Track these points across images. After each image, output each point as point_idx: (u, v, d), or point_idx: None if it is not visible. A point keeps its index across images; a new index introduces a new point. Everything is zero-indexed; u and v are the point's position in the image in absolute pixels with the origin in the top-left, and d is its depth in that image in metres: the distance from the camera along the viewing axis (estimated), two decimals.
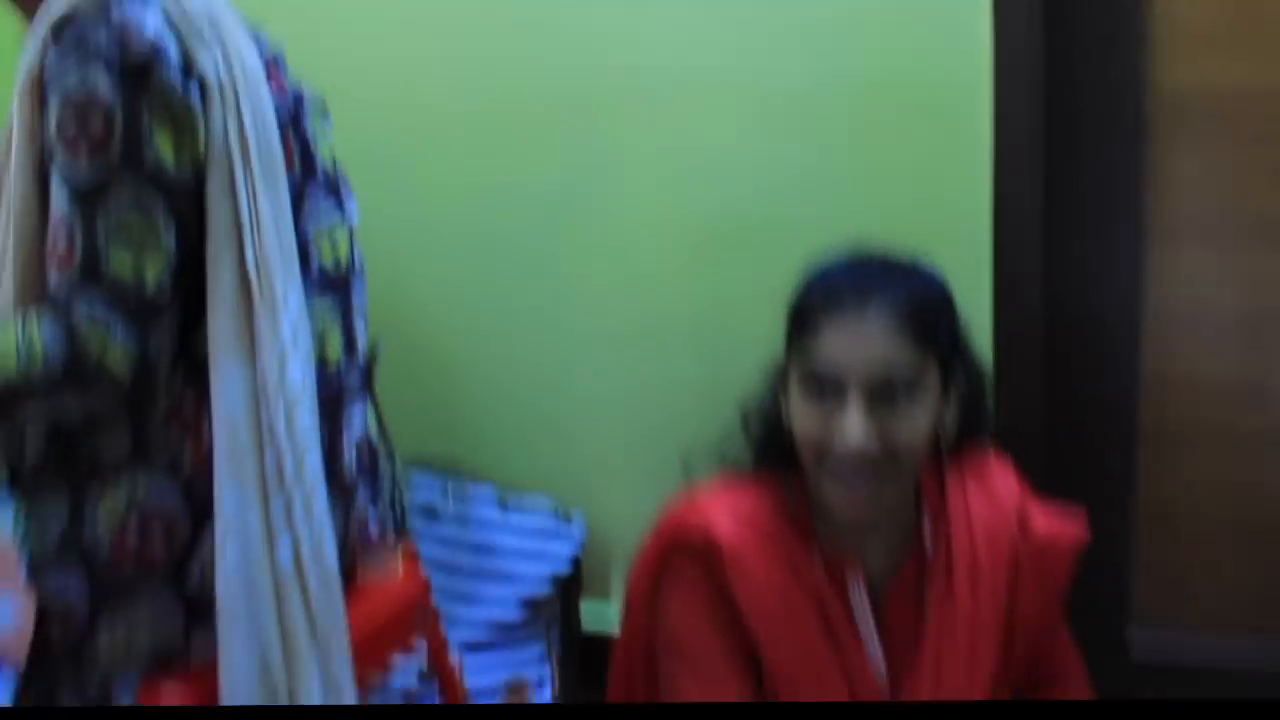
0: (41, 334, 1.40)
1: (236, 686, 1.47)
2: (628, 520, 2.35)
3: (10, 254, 1.48)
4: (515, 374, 2.40)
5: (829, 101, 2.12)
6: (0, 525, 1.50)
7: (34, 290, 1.47)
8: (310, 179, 1.63)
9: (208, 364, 1.48)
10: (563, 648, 2.36)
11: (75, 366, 1.41)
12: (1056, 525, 1.66)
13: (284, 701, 1.49)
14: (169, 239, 1.43)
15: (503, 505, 2.31)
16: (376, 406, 1.76)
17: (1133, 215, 2.10)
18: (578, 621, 2.40)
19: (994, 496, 1.65)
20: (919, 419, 1.52)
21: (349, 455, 1.66)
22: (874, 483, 1.52)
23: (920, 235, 1.78)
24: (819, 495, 1.58)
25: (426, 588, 1.77)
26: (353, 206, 1.71)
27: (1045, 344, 2.15)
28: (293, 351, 1.49)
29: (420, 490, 2.27)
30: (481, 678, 2.23)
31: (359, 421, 1.69)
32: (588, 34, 2.22)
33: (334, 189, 1.67)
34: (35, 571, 1.49)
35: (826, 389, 1.51)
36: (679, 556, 1.62)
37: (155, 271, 1.42)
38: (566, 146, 2.27)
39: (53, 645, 1.50)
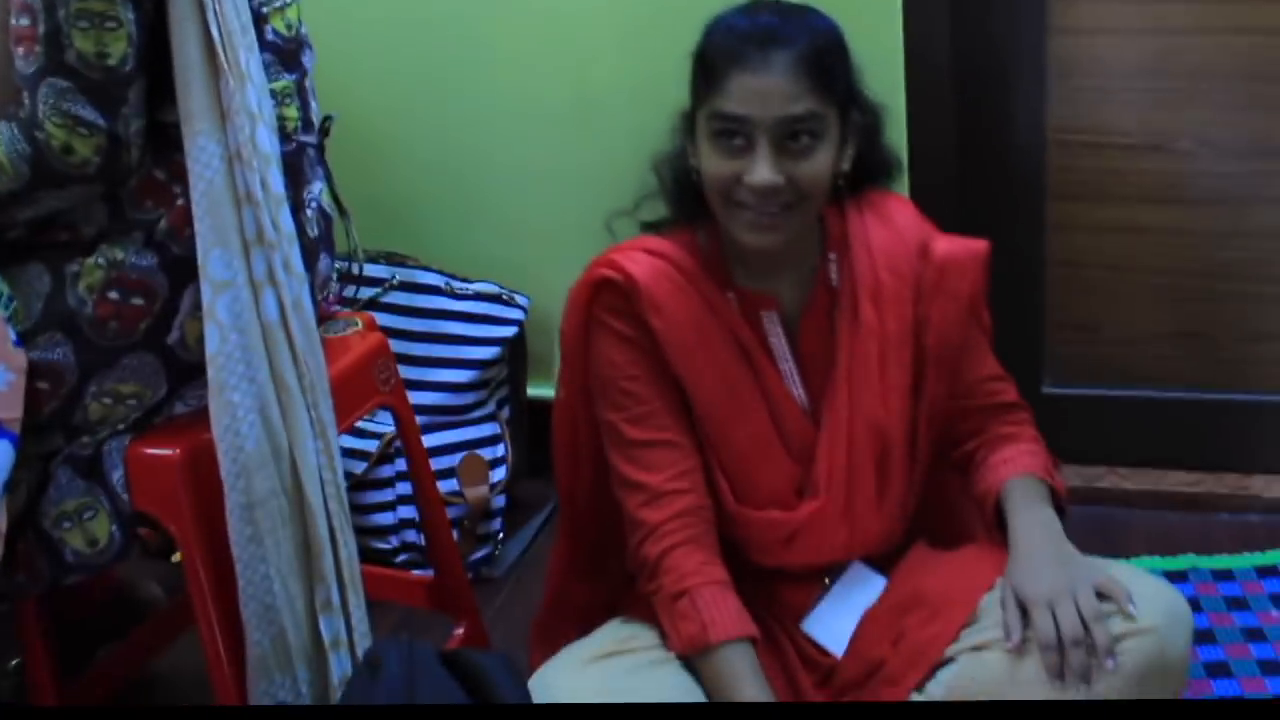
0: (4, 144, 1.50)
1: (241, 433, 1.57)
2: None
3: None
4: (454, 159, 2.49)
5: None
6: None
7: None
8: None
9: (176, 136, 1.55)
10: (512, 415, 2.49)
11: (43, 169, 1.50)
12: (957, 244, 1.74)
13: (284, 445, 1.59)
14: (128, 14, 1.49)
15: (449, 291, 2.41)
16: (330, 176, 1.84)
17: None
18: (524, 390, 2.52)
19: (894, 228, 1.74)
20: (820, 158, 1.61)
21: (311, 217, 1.75)
22: (780, 213, 1.61)
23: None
24: (730, 234, 1.66)
25: (385, 343, 1.87)
26: None
27: (955, 101, 2.27)
28: (261, 121, 1.57)
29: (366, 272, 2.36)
30: (441, 455, 2.35)
31: (317, 188, 1.78)
32: None
33: None
34: (24, 339, 1.57)
35: (735, 133, 1.59)
36: (602, 302, 1.70)
37: (119, 49, 1.49)
38: None
39: (45, 408, 1.59)
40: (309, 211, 1.75)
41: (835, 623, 1.72)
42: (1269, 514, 2.35)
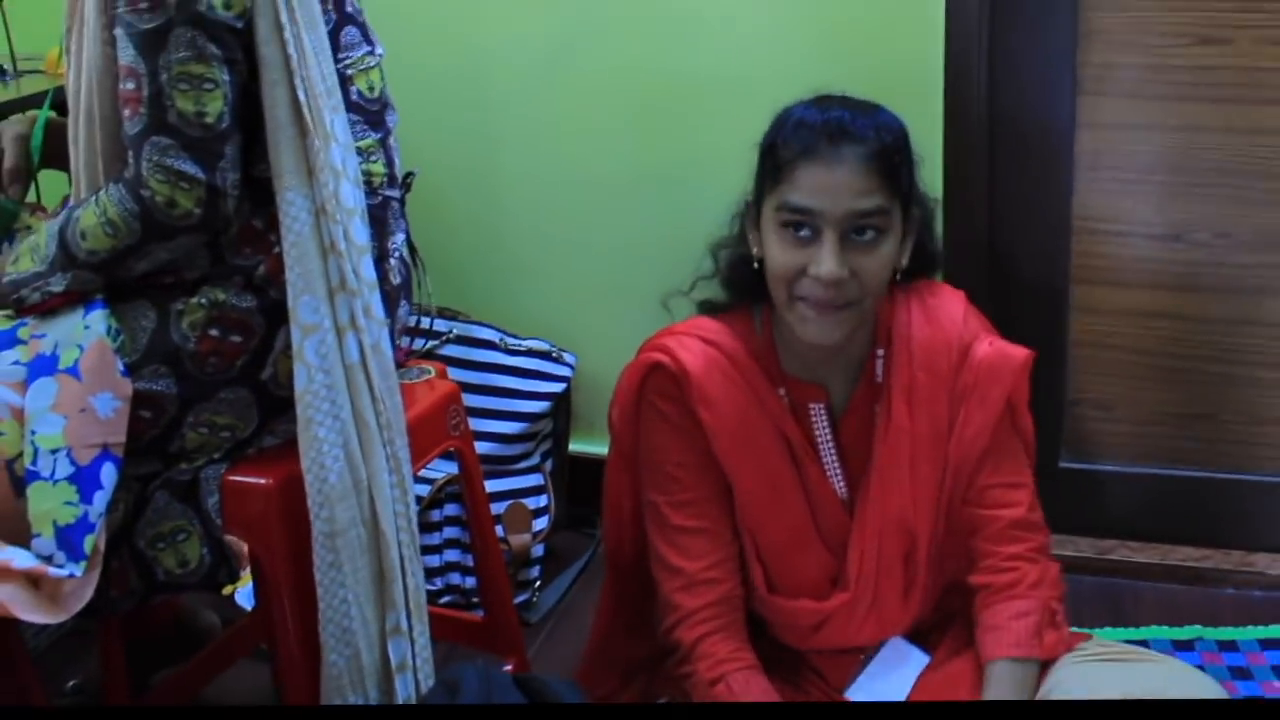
0: (113, 202, 1.63)
1: (325, 466, 1.67)
2: (615, 360, 2.58)
3: (95, 113, 1.70)
4: (511, 223, 2.62)
5: None
6: (97, 332, 1.68)
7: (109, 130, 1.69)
8: (343, 18, 1.81)
9: (269, 188, 1.68)
10: (555, 467, 2.60)
11: (151, 224, 1.64)
12: (996, 350, 1.74)
13: (363, 479, 1.69)
14: (224, 77, 1.62)
15: (503, 346, 2.53)
16: (409, 228, 1.97)
17: (1067, 67, 2.33)
18: (567, 444, 2.64)
19: (937, 324, 1.75)
20: (884, 252, 1.65)
21: (394, 266, 1.87)
22: (841, 309, 1.64)
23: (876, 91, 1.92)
24: (787, 325, 1.69)
25: (458, 392, 1.99)
26: (379, 44, 1.89)
27: (988, 191, 2.40)
28: (345, 177, 1.69)
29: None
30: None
31: (400, 238, 1.90)
32: None
33: (362, 27, 1.85)
34: (130, 371, 1.69)
35: (802, 225, 1.62)
36: (652, 386, 1.75)
37: (215, 107, 1.62)
38: (550, 10, 2.49)
39: (146, 435, 1.71)
40: (392, 260, 1.87)
41: (881, 693, 1.78)
42: (1272, 590, 2.45)
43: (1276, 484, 2.48)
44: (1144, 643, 2.32)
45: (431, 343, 2.47)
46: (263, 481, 1.73)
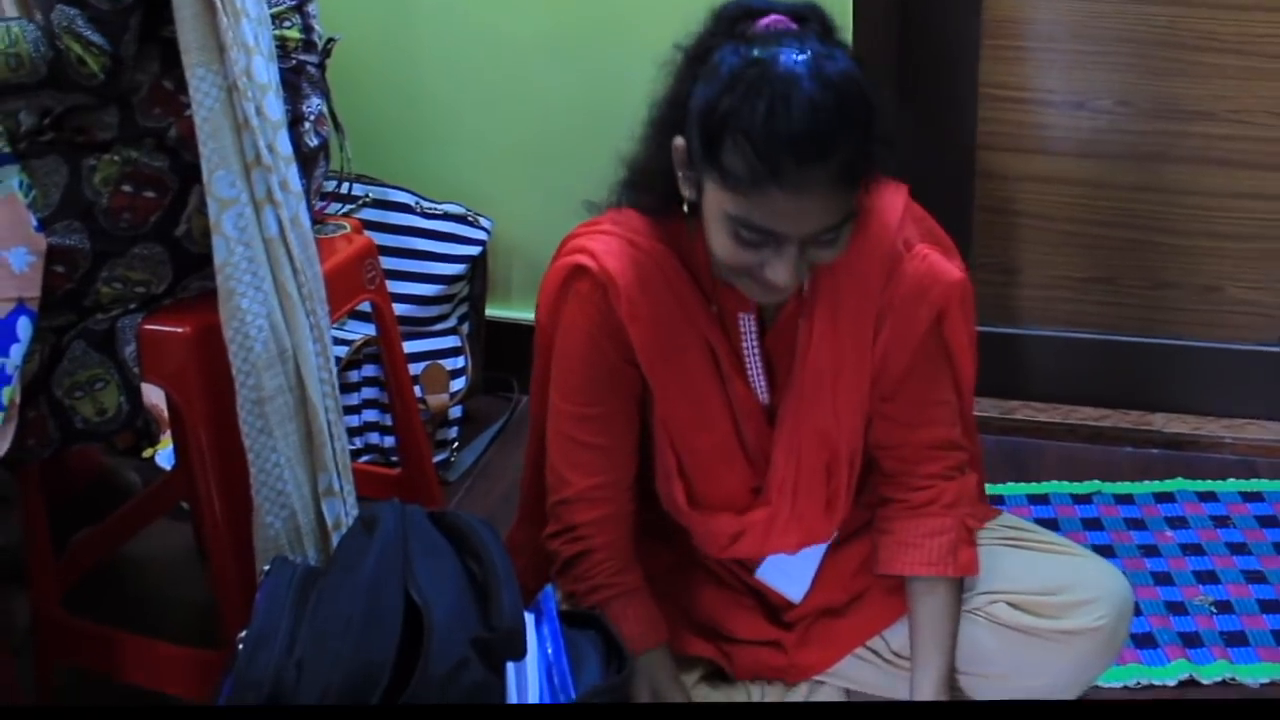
0: (26, 40, 1.62)
1: (250, 335, 1.69)
2: (530, 225, 2.62)
3: None
4: (425, 86, 2.62)
5: None
6: (9, 187, 1.69)
7: None
8: None
9: (178, 50, 1.67)
10: (472, 330, 2.63)
11: (56, 70, 1.63)
12: (924, 267, 1.63)
13: (288, 347, 1.71)
14: None
15: (419, 210, 2.55)
16: (329, 95, 1.97)
17: None
18: (484, 309, 2.67)
19: (868, 231, 1.60)
20: (844, 237, 1.51)
21: (309, 129, 1.88)
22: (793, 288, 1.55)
23: None
24: (728, 278, 1.57)
25: (372, 245, 2.01)
26: None
27: (898, 57, 2.45)
28: (256, 53, 1.68)
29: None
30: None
31: (316, 102, 1.91)
32: None
33: None
34: (43, 225, 1.70)
35: (758, 236, 1.47)
36: (576, 291, 1.64)
37: None
38: None
39: (60, 289, 1.72)
40: (307, 124, 1.87)
41: (790, 570, 1.77)
42: (1168, 449, 2.56)
43: (1174, 346, 2.58)
44: (1045, 497, 2.42)
45: (348, 207, 2.47)
46: (179, 330, 1.75)
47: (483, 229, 2.59)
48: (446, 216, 2.56)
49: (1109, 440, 2.58)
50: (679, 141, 1.53)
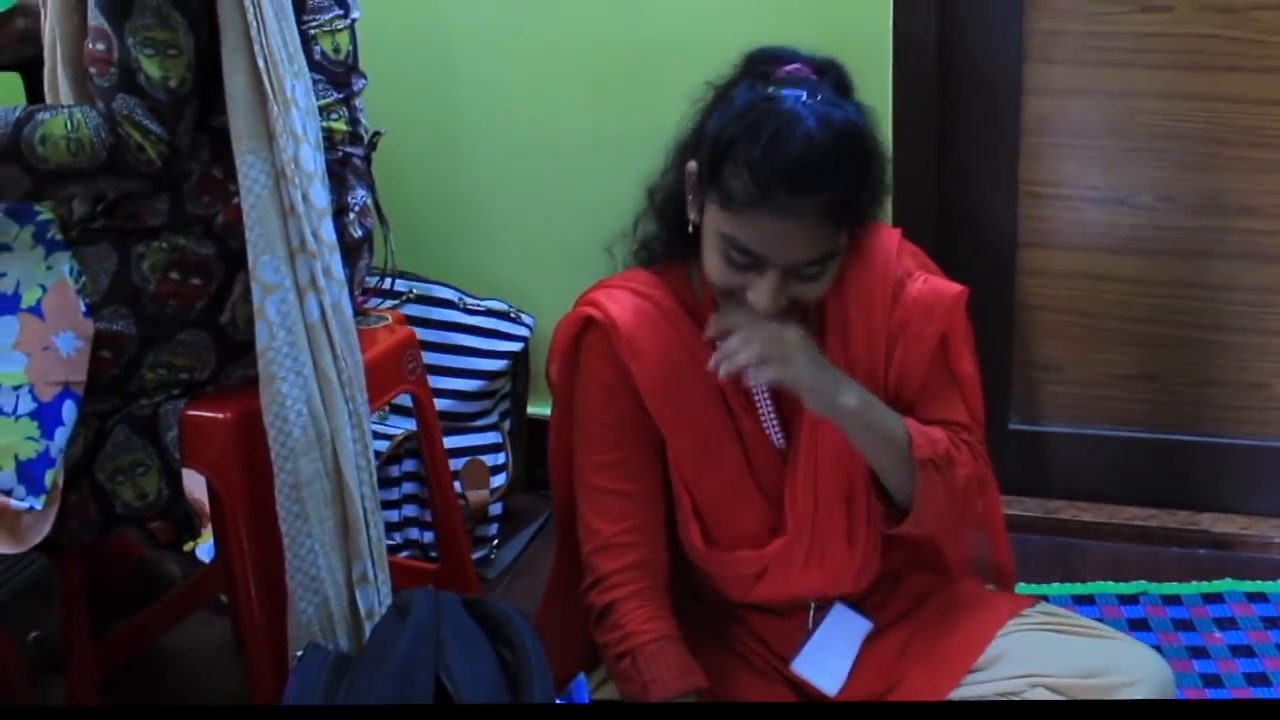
0: (88, 126, 1.66)
1: (289, 420, 1.71)
2: None
3: (69, 67, 1.78)
4: (468, 186, 2.65)
5: None
6: (60, 273, 1.73)
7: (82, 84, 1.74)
8: None
9: (229, 139, 1.71)
10: (514, 428, 2.64)
11: (116, 156, 1.68)
12: (929, 287, 1.70)
13: (326, 433, 1.73)
14: (188, 43, 1.67)
15: (462, 306, 2.57)
16: (374, 187, 2.01)
17: (1014, 33, 2.38)
18: (526, 406, 2.67)
19: (870, 262, 1.70)
20: (827, 276, 1.61)
21: (353, 220, 1.91)
22: (780, 321, 1.61)
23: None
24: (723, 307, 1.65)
25: (414, 337, 2.03)
26: (355, 7, 1.93)
27: (938, 154, 2.45)
28: (304, 141, 1.72)
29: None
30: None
31: (361, 194, 1.94)
32: None
33: None
34: (92, 310, 1.73)
35: (746, 260, 1.57)
36: (586, 343, 1.71)
37: (178, 74, 1.67)
38: None
39: (106, 374, 1.74)
40: (351, 214, 1.91)
41: (826, 663, 1.77)
42: (1216, 549, 2.51)
43: (1219, 444, 2.54)
44: (1090, 598, 2.38)
45: (392, 302, 2.50)
46: (221, 416, 1.77)
47: (525, 325, 2.61)
48: (489, 313, 2.58)
49: (1156, 540, 2.53)
50: (691, 165, 1.64)
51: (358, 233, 1.92)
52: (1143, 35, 2.34)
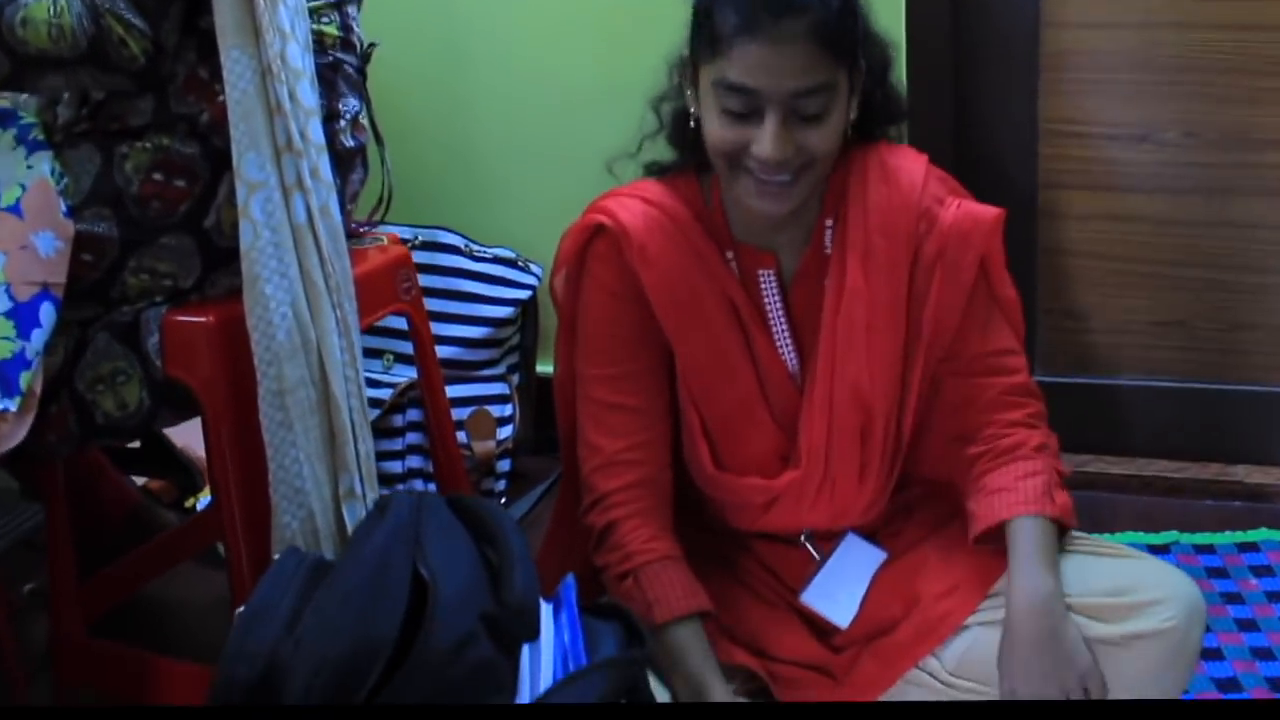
0: (70, 12, 1.62)
1: (273, 323, 1.65)
2: None
3: None
4: (478, 138, 2.62)
5: None
6: (40, 171, 1.68)
7: None
8: None
9: (215, 40, 1.66)
10: (522, 383, 2.58)
11: (97, 46, 1.63)
12: (963, 211, 1.64)
13: (312, 339, 1.67)
14: None
15: (468, 252, 2.52)
16: (370, 103, 1.96)
17: None
18: (534, 363, 2.62)
19: (897, 186, 1.64)
20: (831, 122, 1.54)
21: (345, 128, 1.86)
22: (788, 181, 1.55)
23: None
24: (733, 193, 1.60)
25: (408, 255, 1.97)
26: None
27: (953, 89, 2.39)
28: (292, 39, 1.67)
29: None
30: (452, 408, 2.43)
31: (354, 101, 1.89)
32: None
33: None
34: (73, 212, 1.68)
35: (742, 103, 1.52)
36: (594, 250, 1.66)
37: None
38: None
39: (87, 278, 1.69)
40: (343, 122, 1.86)
41: (837, 593, 1.71)
42: (1251, 501, 2.42)
43: (1253, 393, 2.46)
44: None
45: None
46: (203, 320, 1.71)
47: (533, 275, 2.56)
48: (496, 260, 2.53)
49: (1188, 494, 2.44)
50: (684, 54, 1.62)
51: (349, 142, 1.87)
52: None
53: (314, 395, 1.69)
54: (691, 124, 1.61)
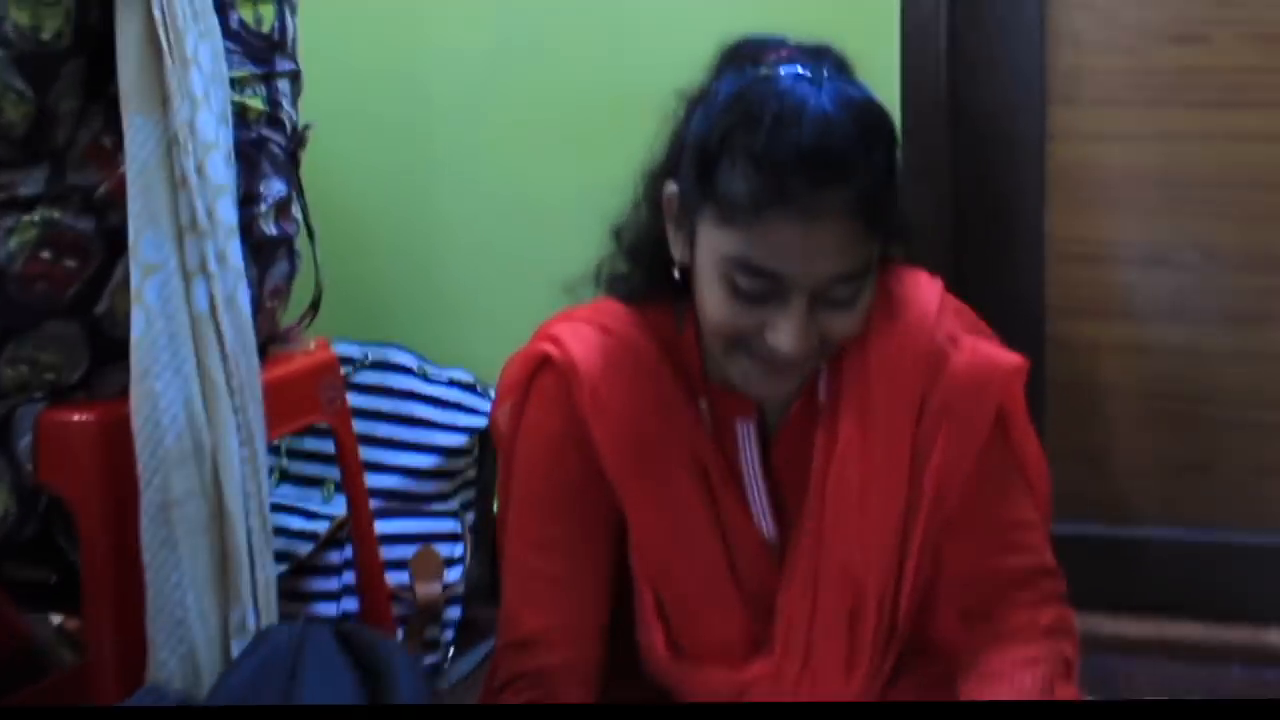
0: None
1: (162, 425, 1.46)
2: None
3: None
4: (441, 253, 2.44)
5: None
6: None
7: None
8: None
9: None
10: (477, 524, 2.36)
11: None
12: (979, 357, 1.43)
13: (205, 444, 1.48)
14: None
15: (421, 373, 2.33)
16: (301, 189, 1.80)
17: (1035, 72, 2.19)
18: (492, 502, 2.39)
19: (903, 322, 1.41)
20: (861, 305, 1.33)
21: (266, 213, 1.68)
22: (800, 370, 1.36)
23: None
24: (727, 370, 1.38)
25: (335, 362, 1.78)
26: None
27: (952, 210, 2.22)
28: (204, 106, 1.52)
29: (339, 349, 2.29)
30: (394, 544, 2.21)
31: (280, 185, 1.72)
32: None
33: None
34: None
35: (762, 286, 1.29)
36: (538, 385, 1.45)
37: (53, 25, 1.47)
38: (488, 25, 2.35)
39: None
40: (263, 206, 1.68)
41: None
42: None
43: None
44: None
45: (345, 369, 2.27)
46: (83, 418, 1.52)
47: (491, 400, 2.34)
48: (452, 383, 2.33)
49: (1214, 659, 2.20)
50: (670, 188, 1.38)
51: (271, 230, 1.69)
52: (1178, 70, 2.15)
53: (205, 510, 1.49)
54: (676, 273, 1.39)
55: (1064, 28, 2.18)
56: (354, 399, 2.19)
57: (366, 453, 2.19)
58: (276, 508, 2.17)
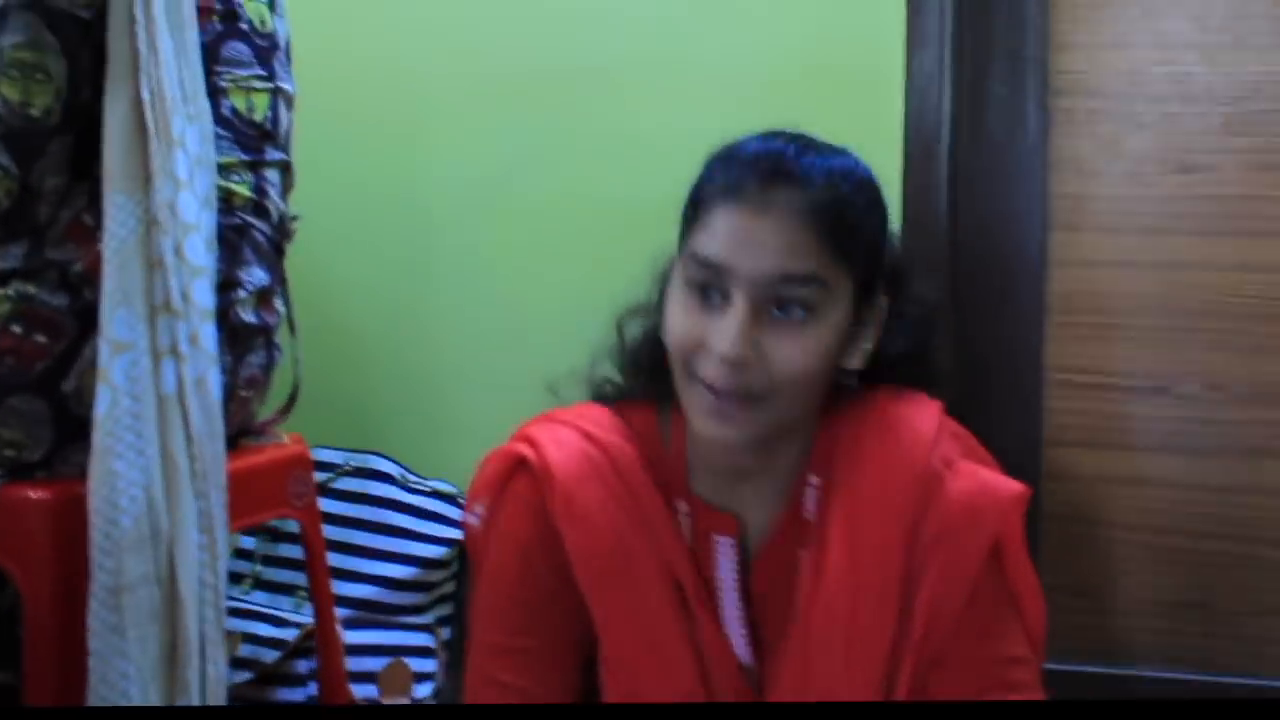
0: None
1: (119, 506, 1.43)
2: None
3: None
4: (431, 366, 2.41)
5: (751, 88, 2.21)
6: None
7: None
8: (232, 33, 1.67)
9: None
10: (453, 638, 2.28)
11: None
12: (976, 484, 1.36)
13: (163, 530, 1.45)
14: (59, 69, 1.49)
15: (402, 482, 2.27)
16: (285, 281, 1.78)
17: (1035, 199, 2.18)
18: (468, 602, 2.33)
19: (897, 443, 1.36)
20: (810, 339, 1.29)
21: (245, 300, 1.66)
22: (745, 406, 1.29)
23: None
24: (690, 423, 1.34)
25: (307, 457, 1.73)
26: (287, 79, 1.76)
27: (951, 335, 2.18)
28: (187, 188, 1.51)
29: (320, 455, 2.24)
30: (364, 656, 2.14)
31: (261, 274, 1.69)
32: (511, 25, 2.32)
33: (260, 50, 1.71)
34: None
35: (709, 284, 1.29)
36: (511, 489, 1.40)
37: (43, 102, 1.48)
38: (491, 134, 2.34)
39: None
40: (243, 293, 1.65)
41: None
42: None
43: None
44: None
45: (325, 475, 2.22)
46: (38, 496, 1.48)
47: (475, 514, 2.28)
48: (434, 494, 2.28)
49: None
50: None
51: (249, 317, 1.66)
52: (1182, 198, 2.14)
53: (157, 597, 1.44)
54: (662, 341, 1.36)
55: (1066, 153, 2.17)
56: (333, 505, 2.17)
57: (342, 560, 2.15)
58: (247, 614, 2.11)
